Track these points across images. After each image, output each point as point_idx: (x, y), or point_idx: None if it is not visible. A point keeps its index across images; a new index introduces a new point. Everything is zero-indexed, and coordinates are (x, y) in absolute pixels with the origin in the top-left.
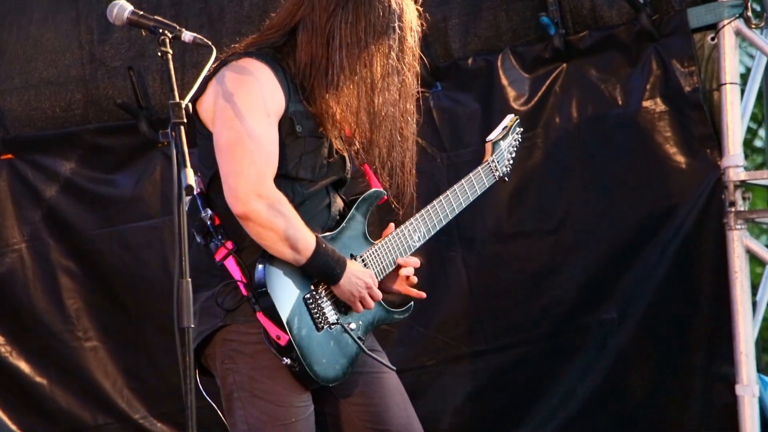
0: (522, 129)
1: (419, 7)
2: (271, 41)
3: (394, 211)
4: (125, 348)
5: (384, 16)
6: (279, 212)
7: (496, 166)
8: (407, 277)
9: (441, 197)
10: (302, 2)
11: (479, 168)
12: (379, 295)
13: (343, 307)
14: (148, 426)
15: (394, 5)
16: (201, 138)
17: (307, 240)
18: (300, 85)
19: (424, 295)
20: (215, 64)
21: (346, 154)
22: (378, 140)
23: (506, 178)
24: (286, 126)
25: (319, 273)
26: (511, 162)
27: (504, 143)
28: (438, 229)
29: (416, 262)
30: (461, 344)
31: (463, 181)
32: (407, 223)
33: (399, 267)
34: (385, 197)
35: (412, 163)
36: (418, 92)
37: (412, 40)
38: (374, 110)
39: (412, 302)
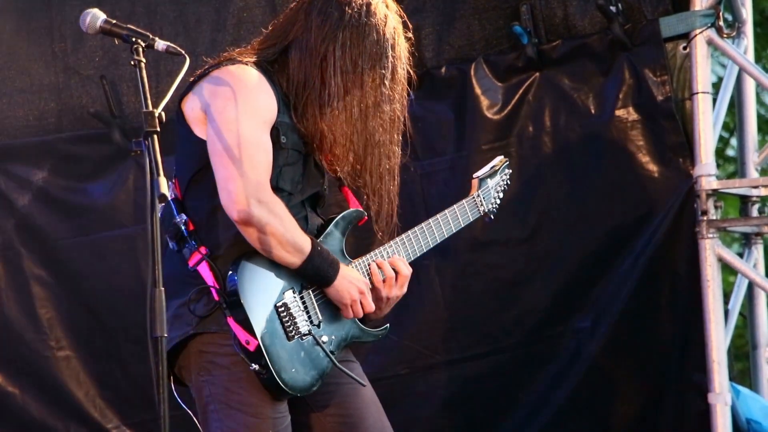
0: (510, 171)
1: (409, 37)
2: (264, 55)
3: (372, 233)
4: (98, 357)
5: (378, 44)
6: (278, 216)
7: (481, 201)
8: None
9: (423, 225)
10: (296, 21)
11: (464, 201)
12: (371, 306)
13: (316, 319)
14: None
15: (387, 35)
16: (181, 140)
17: (303, 243)
18: (292, 103)
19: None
20: (205, 67)
21: (325, 172)
22: (370, 166)
23: (491, 216)
24: (272, 135)
25: (313, 275)
26: (498, 202)
27: (491, 182)
28: (417, 256)
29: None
30: (434, 353)
31: (446, 211)
32: (386, 245)
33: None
34: (365, 218)
35: (395, 193)
36: (404, 124)
37: (402, 72)
38: (367, 136)
39: (388, 324)
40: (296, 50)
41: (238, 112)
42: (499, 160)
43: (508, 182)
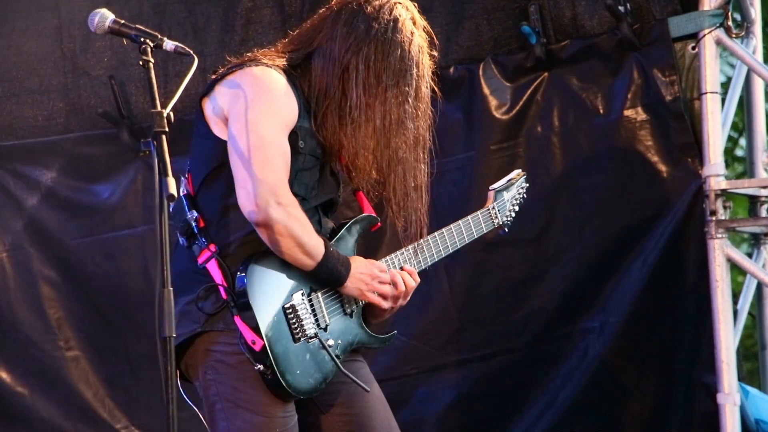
0: (528, 185)
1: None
2: (287, 59)
3: (378, 236)
4: (107, 358)
5: (403, 61)
6: (295, 218)
7: (496, 213)
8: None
9: (436, 234)
10: (322, 29)
11: (478, 212)
12: (387, 279)
13: (323, 322)
14: None
15: (412, 53)
16: (199, 138)
17: (318, 246)
18: (312, 110)
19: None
20: (228, 66)
21: (341, 181)
22: (393, 183)
23: (506, 228)
24: (291, 139)
25: (326, 277)
26: (513, 215)
27: (507, 194)
28: (429, 264)
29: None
30: (443, 353)
31: (460, 222)
32: (399, 252)
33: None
34: (379, 224)
35: (423, 211)
36: (430, 141)
37: (426, 90)
38: (390, 153)
39: (395, 331)
40: (319, 58)
41: (260, 114)
42: (516, 173)
43: (525, 196)
